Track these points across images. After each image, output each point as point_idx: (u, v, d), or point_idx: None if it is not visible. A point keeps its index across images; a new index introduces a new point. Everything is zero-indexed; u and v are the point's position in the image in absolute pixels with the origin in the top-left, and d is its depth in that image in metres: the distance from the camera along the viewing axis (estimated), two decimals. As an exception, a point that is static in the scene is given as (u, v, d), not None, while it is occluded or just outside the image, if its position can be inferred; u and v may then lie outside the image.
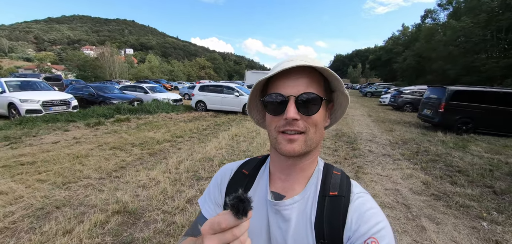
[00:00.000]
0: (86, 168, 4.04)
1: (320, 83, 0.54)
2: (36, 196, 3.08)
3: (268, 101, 0.54)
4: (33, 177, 3.64)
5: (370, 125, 9.69)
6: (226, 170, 0.69)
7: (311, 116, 0.52)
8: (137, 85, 14.03)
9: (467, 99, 8.46)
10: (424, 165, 4.87)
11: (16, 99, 7.84)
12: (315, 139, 0.54)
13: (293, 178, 0.59)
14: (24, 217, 2.67)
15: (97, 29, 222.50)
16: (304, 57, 0.53)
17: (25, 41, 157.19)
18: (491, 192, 3.74)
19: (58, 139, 5.85)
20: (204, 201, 0.67)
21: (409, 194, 3.58)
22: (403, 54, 33.77)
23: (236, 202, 0.33)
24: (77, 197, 3.13)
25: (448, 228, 2.71)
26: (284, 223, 0.55)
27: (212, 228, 0.35)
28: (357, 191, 0.57)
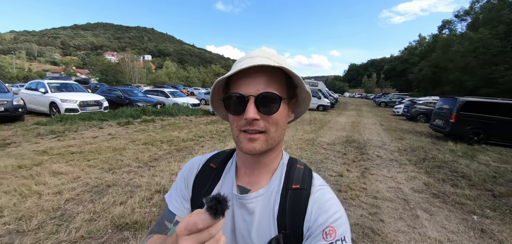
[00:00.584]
0: (126, 158, 4.72)
1: (281, 81, 0.54)
2: (90, 177, 3.76)
3: (228, 100, 0.54)
4: (83, 163, 4.35)
5: (381, 133, 9.95)
6: (193, 163, 0.68)
7: (271, 115, 0.52)
8: (159, 90, 15.01)
9: (479, 110, 8.58)
10: (429, 170, 5.19)
11: (57, 99, 8.84)
12: (276, 137, 0.55)
13: (258, 172, 0.60)
14: (84, 192, 3.33)
15: (118, 36, 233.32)
16: (266, 53, 0.54)
17: (52, 46, 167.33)
18: (490, 194, 4.03)
19: (96, 135, 6.65)
20: (171, 196, 0.67)
21: (410, 192, 3.96)
22: (419, 64, 33.33)
23: (214, 203, 0.34)
24: (123, 180, 3.78)
25: (440, 218, 3.10)
26: (248, 215, 0.57)
27: (188, 228, 0.34)
28: (317, 183, 0.59)
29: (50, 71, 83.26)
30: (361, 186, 4.07)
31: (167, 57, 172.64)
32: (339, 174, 4.56)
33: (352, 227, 2.79)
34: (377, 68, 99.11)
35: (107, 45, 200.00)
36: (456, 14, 28.33)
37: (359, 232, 2.71)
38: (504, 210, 3.44)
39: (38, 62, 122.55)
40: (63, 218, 2.67)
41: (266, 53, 0.54)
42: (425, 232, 2.76)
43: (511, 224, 3.05)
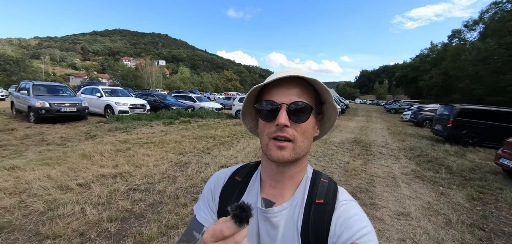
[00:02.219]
0: (186, 147, 6.37)
1: (311, 94, 0.58)
2: (171, 158, 5.40)
3: (261, 107, 0.57)
4: (159, 150, 6.01)
5: (386, 136, 11.26)
6: (219, 177, 0.71)
7: (301, 124, 0.55)
8: (186, 95, 16.82)
9: (473, 116, 9.78)
10: (419, 162, 6.56)
11: (112, 102, 10.73)
12: (303, 147, 0.57)
13: (282, 185, 0.61)
14: (172, 166, 4.95)
15: (134, 42, 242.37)
16: (297, 70, 0.56)
17: (73, 51, 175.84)
18: (462, 179, 5.36)
19: (152, 131, 8.39)
20: (199, 208, 0.69)
21: (399, 174, 5.38)
22: (430, 72, 34.04)
23: (239, 211, 0.35)
24: (193, 160, 5.40)
25: (415, 187, 4.53)
26: (273, 230, 0.58)
27: (214, 236, 0.36)
28: (342, 198, 0.59)
29: (73, 75, 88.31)
30: (362, 169, 5.53)
31: (180, 63, 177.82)
32: (346, 162, 6.02)
33: (353, 189, 4.27)
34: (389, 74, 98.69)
35: (124, 50, 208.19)
36: (465, 24, 29.14)
37: (358, 191, 4.19)
38: (466, 185, 4.81)
39: (60, 67, 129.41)
40: (170, 178, 4.29)
41: (298, 69, 0.57)
42: (401, 192, 4.20)
43: (466, 193, 4.42)
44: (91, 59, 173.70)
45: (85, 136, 7.17)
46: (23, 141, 6.39)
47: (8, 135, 6.97)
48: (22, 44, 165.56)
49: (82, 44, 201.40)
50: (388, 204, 3.74)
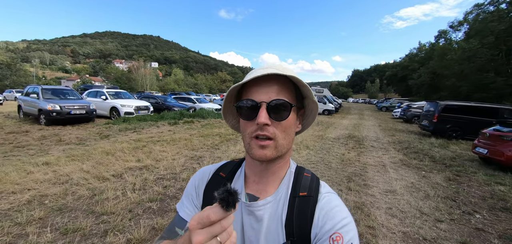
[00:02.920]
0: (196, 144, 6.94)
1: (290, 91, 0.58)
2: (185, 153, 5.96)
3: (241, 107, 0.57)
4: (172, 147, 6.56)
5: (377, 132, 12.05)
6: (203, 173, 0.71)
7: (281, 121, 0.55)
8: (186, 97, 17.31)
9: (456, 112, 10.65)
10: (406, 153, 7.30)
11: (118, 105, 11.18)
12: (285, 144, 0.57)
13: (266, 180, 0.62)
14: (188, 160, 5.51)
15: (126, 44, 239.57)
16: (277, 66, 0.57)
17: (63, 54, 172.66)
18: (443, 165, 6.11)
19: (160, 131, 8.90)
20: (182, 204, 0.69)
21: (388, 162, 6.09)
22: (419, 71, 35.41)
23: (226, 195, 0.35)
24: (206, 154, 5.97)
25: (401, 172, 5.24)
26: (257, 223, 0.59)
27: (201, 222, 0.36)
28: (324, 191, 0.61)
29: (64, 79, 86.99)
30: (356, 159, 6.22)
31: (173, 64, 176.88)
32: (342, 154, 6.71)
33: (349, 174, 4.94)
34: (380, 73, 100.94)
35: (115, 53, 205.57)
36: (450, 25, 30.59)
37: (353, 175, 4.86)
38: (445, 170, 5.55)
39: (50, 70, 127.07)
40: (190, 169, 4.87)
41: (277, 65, 0.57)
42: (389, 175, 4.90)
43: (444, 175, 5.14)
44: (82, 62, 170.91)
45: (99, 136, 7.64)
46: (42, 141, 6.83)
47: (25, 136, 7.38)
48: (9, 48, 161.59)
49: (72, 46, 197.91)
50: (378, 184, 4.42)
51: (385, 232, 2.85)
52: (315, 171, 5.07)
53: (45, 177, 4.08)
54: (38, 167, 4.53)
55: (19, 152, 5.73)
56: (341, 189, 4.10)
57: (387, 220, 3.15)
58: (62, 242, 2.47)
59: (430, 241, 2.72)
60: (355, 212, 3.29)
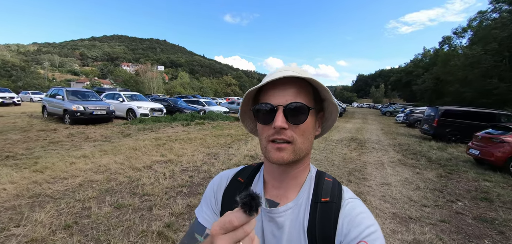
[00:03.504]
0: (211, 143, 7.59)
1: (308, 93, 0.57)
2: (202, 150, 6.62)
3: (258, 110, 0.57)
4: (190, 145, 7.22)
5: (379, 135, 12.56)
6: (222, 178, 0.71)
7: (299, 125, 0.54)
8: (195, 100, 18.06)
9: (455, 117, 11.13)
10: (404, 154, 7.84)
11: (134, 106, 11.95)
12: (303, 148, 0.56)
13: (285, 185, 0.61)
14: (207, 156, 6.16)
15: (133, 47, 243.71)
16: (295, 68, 0.57)
17: (72, 57, 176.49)
18: (438, 165, 6.63)
19: (175, 131, 9.60)
20: (201, 210, 0.69)
21: (386, 161, 6.65)
22: (423, 76, 35.71)
23: (248, 199, 0.35)
24: (221, 152, 6.62)
25: (397, 169, 5.81)
26: (278, 230, 0.57)
27: (223, 227, 0.35)
28: (348, 196, 0.59)
29: (74, 81, 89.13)
30: (357, 158, 6.79)
31: (179, 68, 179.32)
32: (344, 154, 7.28)
33: (350, 170, 5.52)
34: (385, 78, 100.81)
35: (122, 56, 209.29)
36: (454, 31, 30.95)
37: (353, 171, 5.44)
38: (438, 169, 6.08)
39: (60, 72, 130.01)
40: (209, 163, 5.51)
41: (294, 68, 0.57)
42: (386, 171, 5.48)
43: (437, 173, 5.68)
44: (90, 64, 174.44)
45: (121, 134, 8.36)
46: (72, 138, 7.56)
47: (55, 133, 8.13)
48: (20, 50, 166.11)
49: (80, 49, 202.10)
50: (375, 178, 5.00)
51: (377, 213, 3.44)
52: (319, 167, 5.65)
53: (87, 166, 4.76)
54: (78, 159, 5.23)
55: (55, 146, 6.46)
56: (342, 182, 4.69)
57: (380, 204, 3.74)
58: (118, 213, 3.13)
59: (414, 219, 3.30)
60: (354, 198, 3.88)
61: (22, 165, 4.76)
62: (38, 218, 2.84)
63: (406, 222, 3.23)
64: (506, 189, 4.72)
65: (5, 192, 3.51)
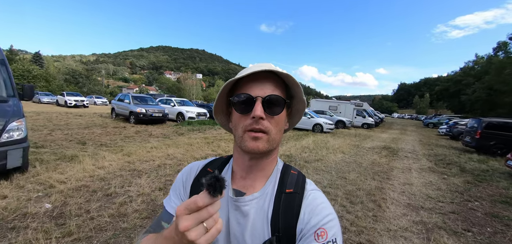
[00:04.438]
0: (250, 143, 8.70)
1: (282, 89, 0.61)
2: (243, 148, 7.75)
3: (237, 101, 0.59)
4: (227, 145, 8.41)
5: (415, 145, 12.44)
6: (192, 168, 0.72)
7: (275, 116, 0.58)
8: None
9: (501, 129, 10.64)
10: (437, 163, 8.00)
11: (183, 110, 13.75)
12: (276, 139, 0.59)
13: (253, 176, 0.63)
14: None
15: (175, 57, 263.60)
16: (269, 65, 0.60)
17: (123, 66, 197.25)
18: (470, 175, 6.75)
19: (218, 133, 10.98)
20: (169, 199, 0.70)
21: (415, 167, 7.00)
22: (474, 86, 32.75)
23: (213, 180, 0.36)
24: (258, 150, 7.68)
25: (424, 174, 6.19)
26: (243, 218, 0.60)
27: (188, 207, 0.37)
28: (310, 188, 0.63)
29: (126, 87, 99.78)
30: (386, 163, 7.26)
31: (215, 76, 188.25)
32: (373, 159, 7.77)
33: (376, 172, 6.10)
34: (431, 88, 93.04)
35: (166, 65, 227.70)
36: (510, 36, 27.96)
37: (379, 172, 6.02)
38: (467, 176, 6.28)
39: (113, 79, 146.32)
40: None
41: (269, 65, 0.60)
42: (412, 175, 5.96)
43: (464, 179, 5.93)
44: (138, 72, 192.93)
45: (177, 133, 9.98)
46: (140, 134, 9.32)
47: (125, 130, 10.04)
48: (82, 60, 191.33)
49: (130, 59, 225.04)
50: (399, 179, 5.55)
51: (394, 202, 4.11)
52: (347, 168, 6.32)
53: (159, 154, 6.19)
54: (151, 149, 6.72)
55: (130, 140, 8.16)
56: (366, 179, 5.36)
57: (398, 197, 4.38)
58: (191, 185, 4.33)
59: (426, 209, 3.90)
60: (374, 192, 4.56)
61: (113, 150, 6.37)
62: (140, 183, 4.16)
63: (417, 210, 3.86)
64: (533, 197, 4.90)
65: (111, 166, 4.99)
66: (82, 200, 3.34)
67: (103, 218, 2.92)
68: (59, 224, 2.74)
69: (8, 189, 3.43)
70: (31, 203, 3.14)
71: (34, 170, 4.33)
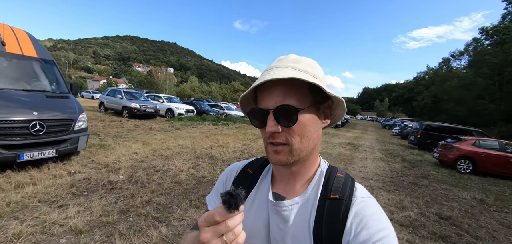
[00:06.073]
0: (242, 138, 10.24)
1: (301, 89, 0.53)
2: (238, 142, 9.27)
3: (251, 117, 0.58)
4: (227, 138, 9.87)
5: (373, 142, 15.09)
6: (232, 168, 0.73)
7: (291, 127, 0.52)
8: (217, 104, 20.82)
9: (435, 131, 13.62)
10: (387, 155, 10.38)
11: (173, 107, 14.74)
12: (302, 148, 0.54)
13: (293, 181, 0.61)
14: (242, 146, 8.79)
15: (144, 48, 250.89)
16: (285, 62, 0.55)
17: (86, 55, 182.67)
18: (408, 163, 9.13)
19: (210, 129, 12.31)
20: (211, 198, 0.71)
21: (369, 158, 9.22)
22: (423, 93, 38.15)
23: (228, 197, 0.37)
24: (252, 144, 9.26)
25: (375, 162, 8.40)
26: (283, 223, 0.57)
27: (207, 220, 0.38)
28: (360, 195, 0.56)
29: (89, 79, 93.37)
30: (349, 154, 9.39)
31: (187, 71, 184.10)
32: (340, 152, 9.86)
33: (341, 159, 8.11)
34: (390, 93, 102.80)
35: (134, 56, 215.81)
36: (452, 54, 33.58)
37: (343, 159, 8.03)
38: (405, 163, 8.62)
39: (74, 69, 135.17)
40: (248, 148, 8.15)
41: (286, 61, 0.55)
42: (367, 162, 8.10)
43: (402, 165, 8.20)
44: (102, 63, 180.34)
45: (174, 128, 11.11)
46: (141, 128, 10.28)
47: (125, 124, 10.88)
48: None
49: (94, 48, 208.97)
50: (358, 164, 7.61)
51: (353, 176, 6.04)
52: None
53: (173, 144, 7.45)
54: (163, 140, 7.91)
55: (136, 132, 9.17)
56: (335, 164, 7.29)
57: (356, 173, 6.35)
58: (212, 163, 5.75)
59: (373, 180, 5.89)
60: (342, 171, 6.47)
61: (132, 140, 7.46)
62: (175, 164, 5.49)
63: (368, 180, 5.84)
64: (442, 175, 7.30)
65: (142, 152, 6.19)
66: (142, 174, 4.63)
67: (167, 184, 4.29)
68: (142, 186, 4.06)
69: (78, 167, 4.56)
70: (109, 175, 4.37)
71: (82, 153, 5.40)
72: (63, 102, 4.82)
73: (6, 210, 2.88)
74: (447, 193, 5.57)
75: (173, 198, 3.76)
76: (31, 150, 3.98)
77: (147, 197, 3.63)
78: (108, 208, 3.16)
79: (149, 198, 3.62)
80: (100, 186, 3.87)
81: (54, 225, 2.70)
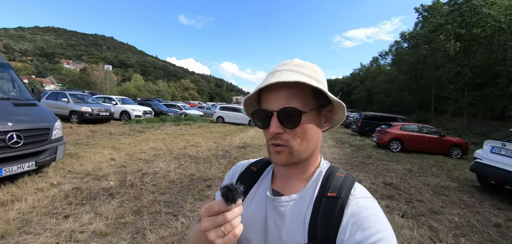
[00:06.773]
0: (212, 136, 10.54)
1: (305, 93, 0.55)
2: (212, 141, 9.57)
3: (255, 118, 0.60)
4: (197, 137, 10.05)
5: (324, 134, 17.05)
6: (238, 166, 0.77)
7: (294, 129, 0.54)
8: (175, 104, 20.14)
9: (372, 119, 16.22)
10: (338, 142, 12.10)
11: (129, 109, 13.90)
12: (302, 150, 0.56)
13: (292, 181, 0.62)
14: (215, 143, 9.15)
15: (73, 42, 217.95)
16: (290, 66, 0.57)
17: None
18: (354, 147, 10.89)
19: (174, 129, 12.16)
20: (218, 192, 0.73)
21: (325, 145, 10.67)
22: (359, 87, 43.89)
23: (226, 191, 0.40)
24: (222, 142, 9.66)
25: (331, 148, 9.86)
26: (279, 219, 0.58)
27: (207, 211, 0.42)
28: (358, 195, 0.56)
29: (2, 79, 76.98)
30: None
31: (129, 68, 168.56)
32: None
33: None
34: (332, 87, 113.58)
35: (60, 52, 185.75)
36: (379, 54, 39.74)
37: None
38: (353, 148, 10.31)
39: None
40: (221, 145, 8.56)
41: (290, 65, 0.57)
42: (324, 150, 9.46)
43: (351, 149, 9.82)
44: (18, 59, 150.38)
45: (136, 131, 10.66)
46: (99, 133, 9.61)
47: (75, 130, 9.97)
48: None
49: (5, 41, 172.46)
50: (319, 152, 8.82)
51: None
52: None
53: (146, 147, 7.37)
54: (131, 144, 7.71)
55: (97, 138, 8.60)
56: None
57: (320, 160, 7.47)
58: (195, 162, 6.06)
59: (332, 163, 7.07)
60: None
61: (96, 147, 7.08)
62: (159, 166, 5.61)
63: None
64: (380, 154, 9.11)
65: (116, 160, 6.06)
66: (133, 178, 4.70)
67: (162, 184, 4.50)
68: (139, 188, 4.20)
69: (58, 178, 4.38)
70: (99, 183, 4.35)
71: (53, 164, 5.07)
72: (34, 110, 4.50)
73: (10, 227, 2.82)
74: (387, 167, 7.16)
75: (175, 195, 4.05)
76: (9, 164, 3.72)
77: (150, 198, 3.86)
78: (120, 211, 3.33)
79: (153, 198, 3.85)
80: (95, 194, 3.90)
81: (73, 232, 2.80)
